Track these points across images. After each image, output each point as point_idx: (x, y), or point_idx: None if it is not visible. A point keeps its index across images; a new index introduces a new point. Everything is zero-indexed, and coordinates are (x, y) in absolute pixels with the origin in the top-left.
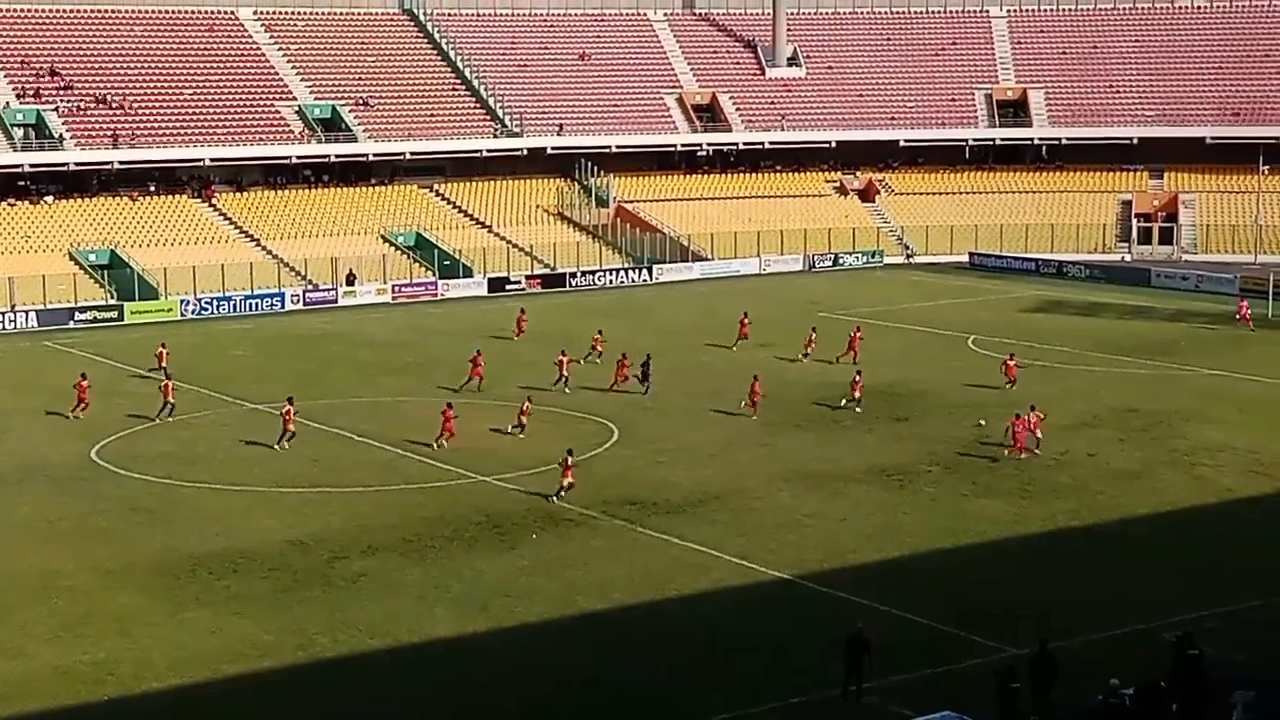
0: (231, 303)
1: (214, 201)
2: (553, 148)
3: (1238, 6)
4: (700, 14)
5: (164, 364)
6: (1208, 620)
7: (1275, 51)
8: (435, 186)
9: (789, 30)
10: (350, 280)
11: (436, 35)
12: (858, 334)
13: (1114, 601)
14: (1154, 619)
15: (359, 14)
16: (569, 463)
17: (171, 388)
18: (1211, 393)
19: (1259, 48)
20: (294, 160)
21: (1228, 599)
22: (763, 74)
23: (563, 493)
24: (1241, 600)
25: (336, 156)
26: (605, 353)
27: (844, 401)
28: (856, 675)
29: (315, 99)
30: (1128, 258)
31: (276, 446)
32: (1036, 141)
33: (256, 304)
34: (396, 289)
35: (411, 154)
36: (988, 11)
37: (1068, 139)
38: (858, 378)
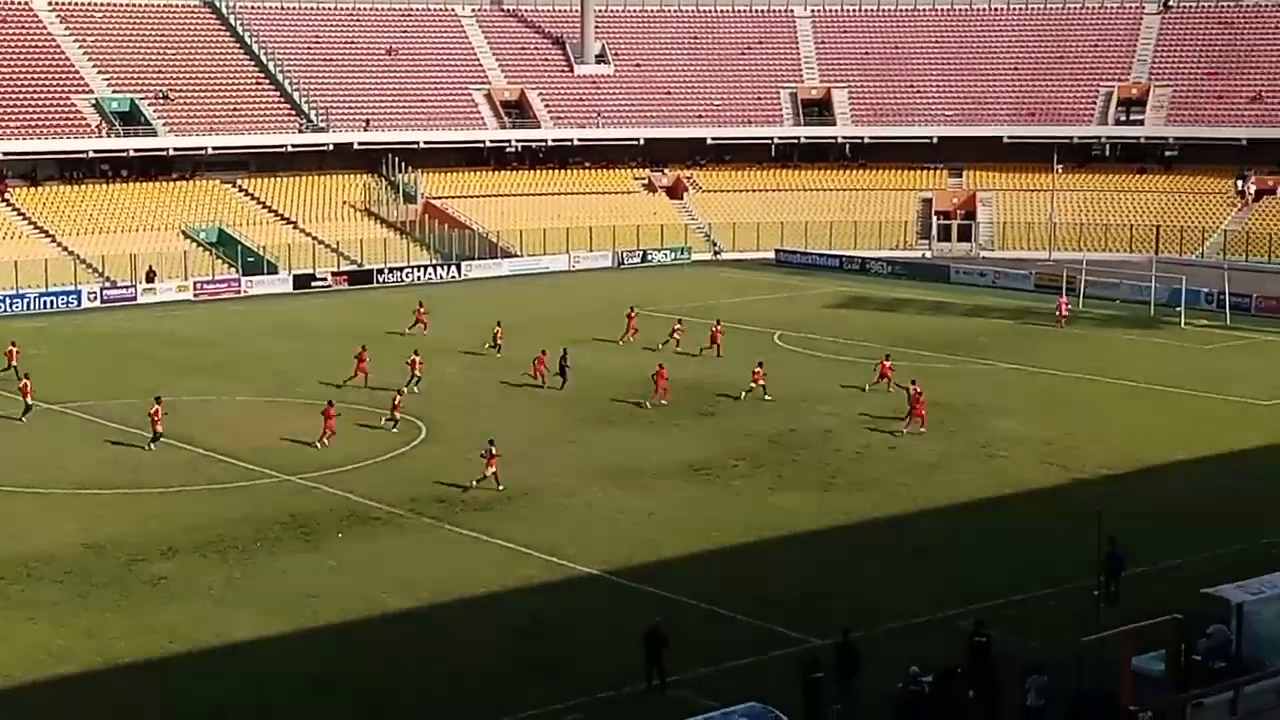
0: (25, 300)
1: (7, 196)
2: (359, 143)
3: (1033, 9)
4: (508, 10)
5: (14, 362)
6: (1005, 608)
7: (1069, 53)
8: (239, 182)
9: (597, 27)
10: (150, 277)
11: (239, 28)
12: (718, 329)
13: (914, 591)
14: (953, 607)
15: (158, 5)
16: (493, 452)
17: (29, 388)
18: (1008, 386)
19: (1054, 50)
20: (91, 154)
21: (1024, 586)
22: (571, 71)
23: (481, 481)
24: (1037, 588)
25: (135, 151)
26: (504, 346)
27: (744, 394)
28: (657, 669)
29: (113, 92)
30: (928, 254)
31: (148, 447)
32: (840, 140)
33: (52, 302)
34: (198, 286)
35: (214, 149)
36: (792, 11)
37: (870, 138)
38: (758, 368)
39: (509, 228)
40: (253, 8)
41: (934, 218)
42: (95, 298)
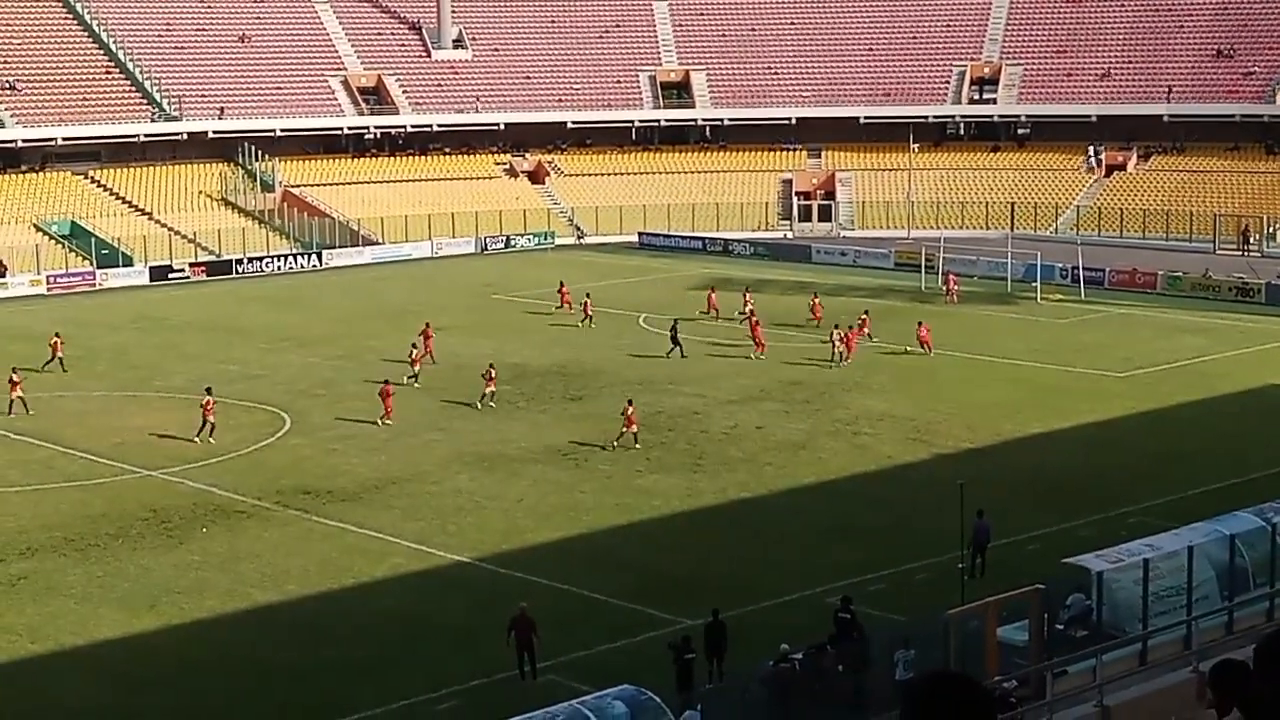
0: None
1: None
2: (214, 132)
3: None
4: None
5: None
6: (873, 583)
7: (922, 34)
8: (91, 173)
9: (454, 12)
10: (1, 271)
11: (87, 17)
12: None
13: (783, 569)
14: (821, 584)
15: None
16: (630, 413)
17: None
18: (870, 364)
19: (907, 31)
20: None
21: (891, 562)
22: (429, 56)
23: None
24: (904, 563)
25: None
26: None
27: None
28: (528, 655)
29: None
30: (790, 235)
31: (197, 439)
32: (700, 122)
33: None
34: (51, 280)
35: (64, 140)
36: None
37: (730, 120)
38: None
39: (370, 215)
40: None
41: (795, 198)
42: None
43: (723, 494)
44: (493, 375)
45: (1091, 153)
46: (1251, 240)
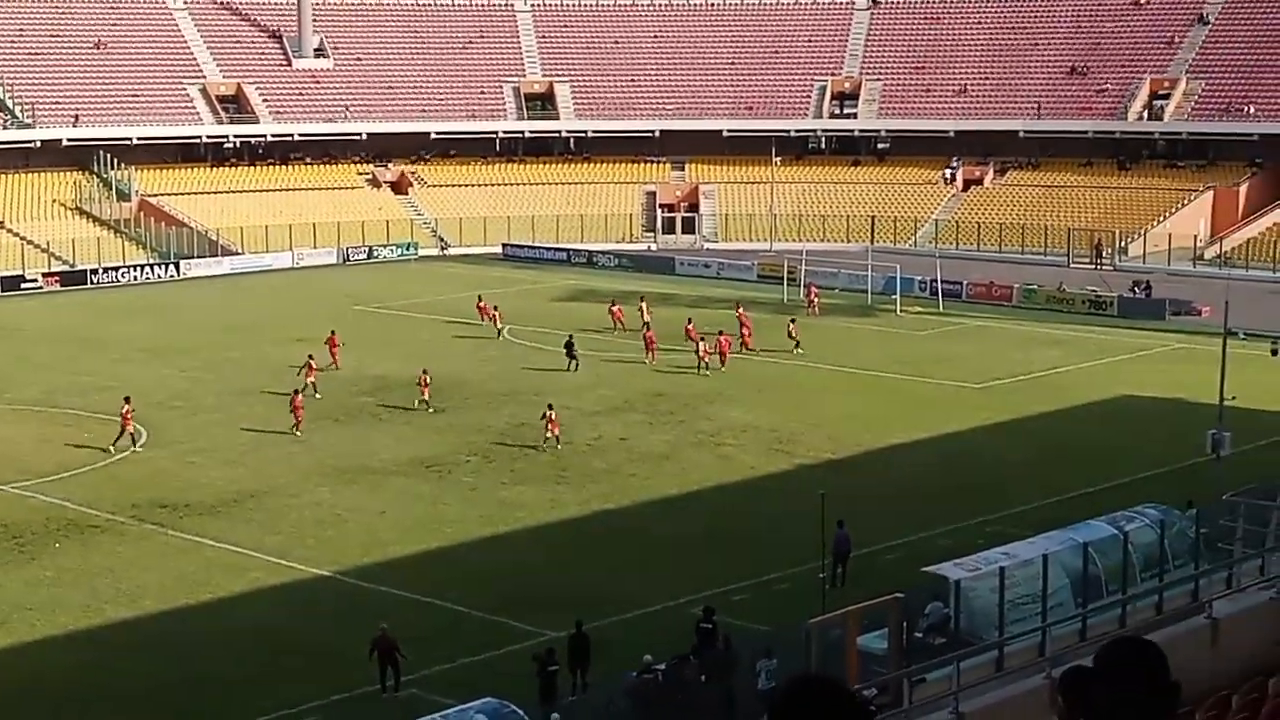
0: None
1: None
2: (68, 139)
3: (748, 6)
4: (222, 3)
5: None
6: (736, 593)
7: (784, 49)
8: None
9: (315, 20)
10: None
11: None
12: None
13: (647, 580)
14: (685, 595)
15: None
16: (552, 416)
17: None
18: (733, 375)
19: (769, 45)
20: None
21: (753, 572)
22: (290, 65)
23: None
24: (766, 572)
25: None
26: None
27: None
28: (393, 669)
29: None
30: (653, 247)
31: (110, 448)
32: (564, 134)
33: None
34: None
35: None
36: (512, 5)
37: (594, 131)
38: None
39: (229, 225)
40: None
41: (658, 210)
42: None
43: (586, 505)
44: (425, 381)
45: (949, 168)
46: (1104, 254)
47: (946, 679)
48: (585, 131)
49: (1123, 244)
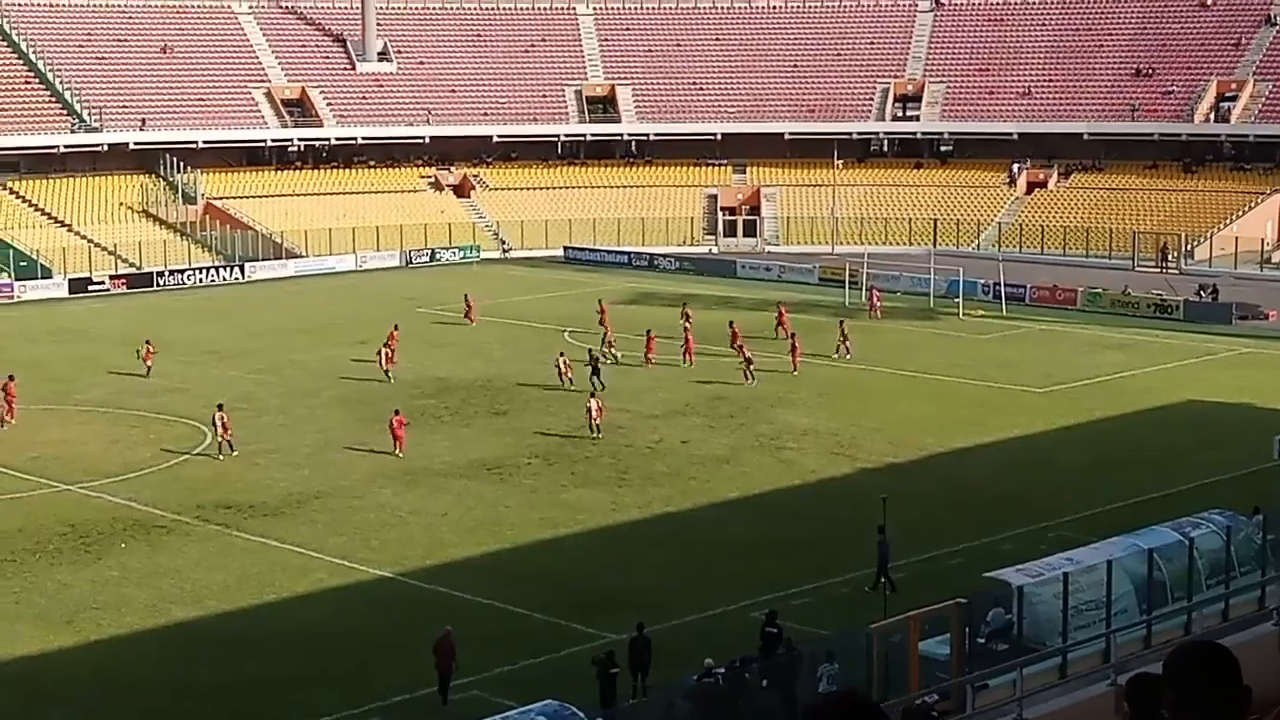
0: None
1: None
2: (135, 143)
3: (810, 7)
4: (287, 7)
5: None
6: (796, 598)
7: (846, 51)
8: (9, 184)
9: (379, 24)
10: None
11: (6, 26)
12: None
13: (708, 583)
14: (745, 598)
15: None
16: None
17: None
18: (795, 379)
19: (831, 47)
20: None
21: (814, 576)
22: (354, 68)
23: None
24: (827, 577)
25: None
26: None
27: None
28: (441, 680)
29: None
30: (714, 250)
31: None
32: (625, 137)
33: None
34: None
35: None
36: (575, 9)
37: (655, 134)
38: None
39: (293, 228)
40: (20, 5)
41: (719, 214)
42: None
43: (647, 508)
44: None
45: (1013, 170)
46: (1169, 257)
47: (1009, 685)
48: (647, 135)
49: (1188, 247)
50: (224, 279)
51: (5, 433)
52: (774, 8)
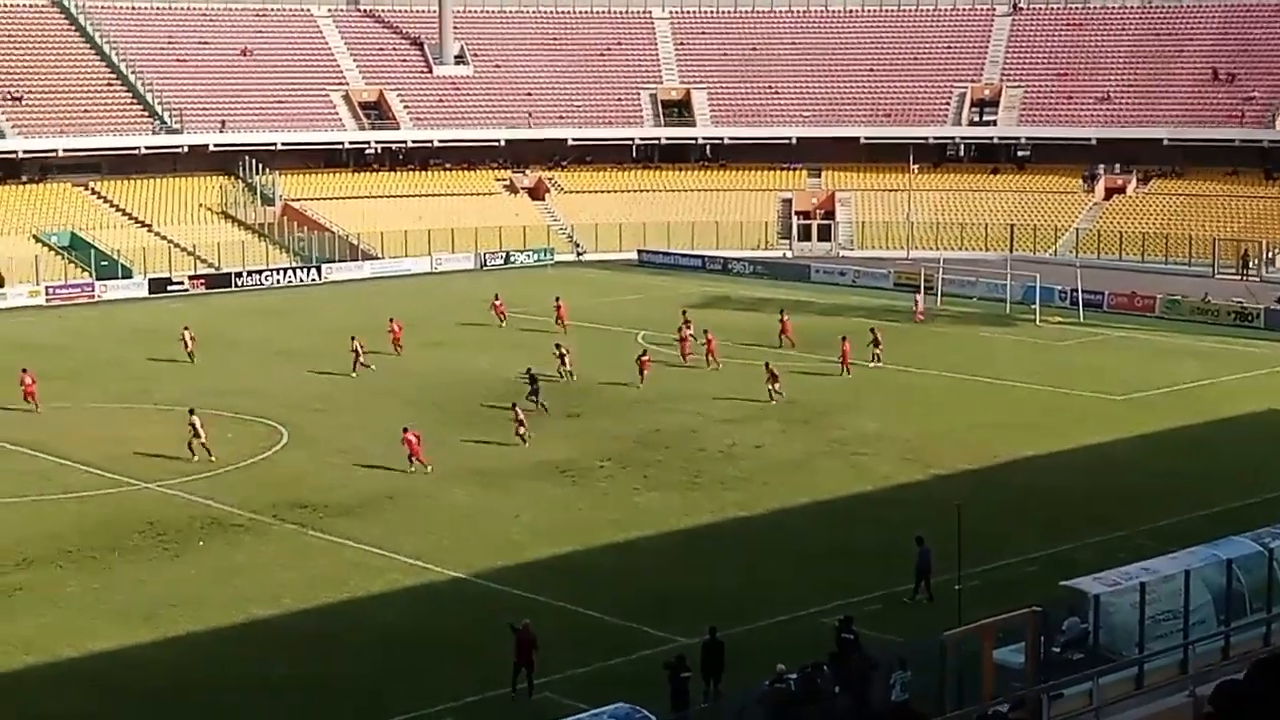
0: None
1: None
2: (215, 145)
3: (887, 11)
4: (365, 10)
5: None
6: (868, 604)
7: (923, 55)
8: (91, 184)
9: (456, 28)
10: None
11: (89, 29)
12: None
13: (780, 588)
14: (818, 604)
15: (6, 6)
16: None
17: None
18: (868, 384)
19: (908, 51)
20: None
21: (886, 583)
22: (430, 71)
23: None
24: (899, 583)
25: None
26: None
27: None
28: (526, 671)
29: None
30: (789, 254)
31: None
32: (700, 141)
33: None
34: (51, 291)
35: (65, 151)
36: (650, 13)
37: (730, 138)
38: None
39: (370, 230)
40: (103, 8)
41: (794, 218)
42: None
43: (720, 512)
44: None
45: (1091, 176)
46: (1250, 264)
47: (1085, 695)
48: (722, 138)
49: (1270, 254)
50: (301, 280)
51: (88, 431)
52: (850, 12)
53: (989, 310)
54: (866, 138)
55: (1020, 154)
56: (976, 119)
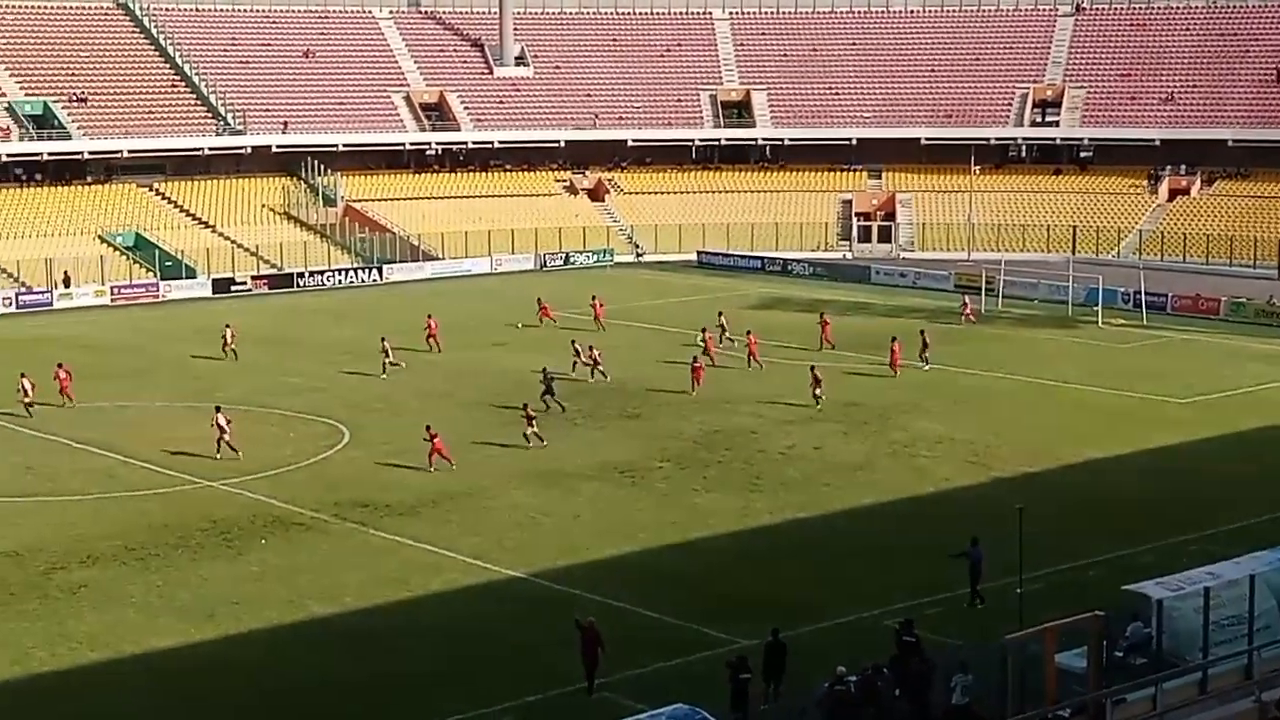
0: None
1: None
2: (277, 146)
3: (949, 12)
4: (426, 12)
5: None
6: (929, 606)
7: (985, 56)
8: (155, 185)
9: (516, 30)
10: (66, 282)
11: (154, 30)
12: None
13: (839, 590)
14: (878, 607)
15: (71, 8)
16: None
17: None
18: (929, 386)
19: (970, 52)
20: (4, 158)
21: (947, 585)
22: (491, 73)
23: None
24: (960, 586)
25: (50, 155)
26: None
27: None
28: (588, 672)
29: (26, 95)
30: (849, 255)
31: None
32: (760, 142)
33: None
34: (115, 291)
35: (129, 152)
36: (711, 14)
37: (790, 139)
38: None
39: (430, 230)
40: (167, 10)
41: (854, 219)
42: (10, 303)
43: (779, 514)
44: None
45: (1154, 177)
46: None
47: (1148, 700)
48: (782, 139)
49: None
50: (362, 280)
51: (152, 430)
52: (911, 12)
53: (1051, 312)
54: (927, 138)
55: (1083, 155)
56: (1039, 120)
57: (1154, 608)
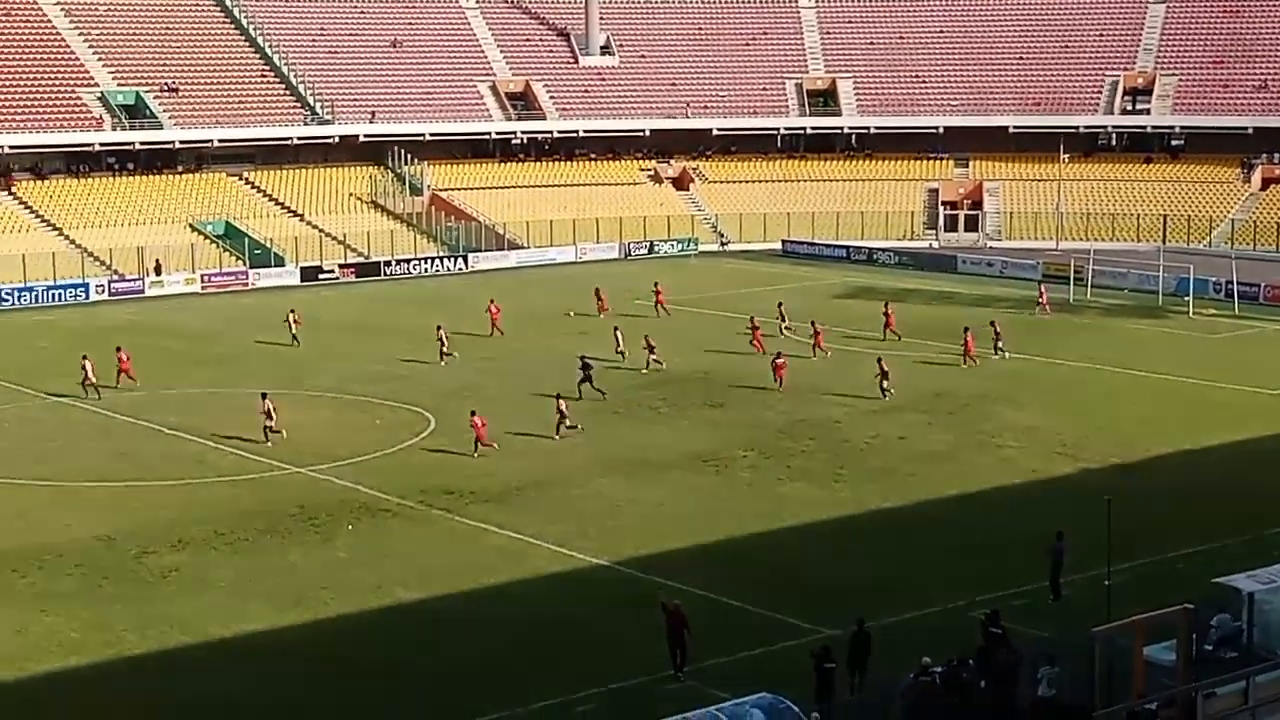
0: (33, 293)
1: (14, 190)
2: (365, 135)
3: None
4: (512, 1)
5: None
6: (1015, 598)
7: (1074, 43)
8: (244, 174)
9: (602, 19)
10: (157, 270)
11: (244, 21)
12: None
13: (925, 581)
14: (964, 598)
15: (163, 1)
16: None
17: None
18: (1016, 376)
19: (1059, 39)
20: (97, 147)
21: (1033, 577)
22: (576, 62)
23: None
24: (1046, 578)
25: (141, 144)
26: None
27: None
28: (681, 654)
29: (118, 85)
30: (935, 244)
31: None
32: (846, 130)
33: (60, 295)
34: (206, 279)
35: (219, 141)
36: (796, 2)
37: (876, 128)
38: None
39: (515, 219)
40: (257, 1)
41: (940, 208)
42: (103, 291)
43: (864, 504)
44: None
45: (1247, 165)
46: None
47: (1239, 694)
48: (867, 128)
49: None
50: (448, 269)
51: (241, 416)
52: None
53: (1140, 302)
54: (1015, 127)
55: (1174, 143)
56: (1129, 108)
57: (1245, 600)
